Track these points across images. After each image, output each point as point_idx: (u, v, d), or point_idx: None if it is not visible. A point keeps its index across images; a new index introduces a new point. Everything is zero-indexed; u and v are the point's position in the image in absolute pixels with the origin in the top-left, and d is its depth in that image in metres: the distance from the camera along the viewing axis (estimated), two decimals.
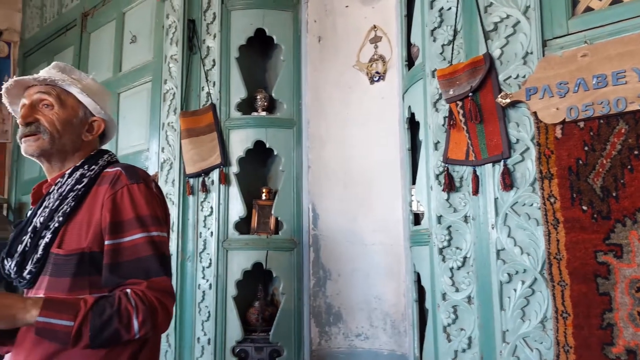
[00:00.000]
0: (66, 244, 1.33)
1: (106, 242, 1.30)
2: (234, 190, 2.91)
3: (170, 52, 3.15)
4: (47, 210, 1.37)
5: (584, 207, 1.63)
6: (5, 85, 1.46)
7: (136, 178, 1.38)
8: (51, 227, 1.34)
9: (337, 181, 2.92)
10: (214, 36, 3.05)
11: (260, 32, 3.05)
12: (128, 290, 1.24)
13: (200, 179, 2.94)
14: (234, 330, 2.81)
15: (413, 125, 2.40)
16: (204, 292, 2.85)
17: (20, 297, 1.21)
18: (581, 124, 1.66)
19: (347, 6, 3.02)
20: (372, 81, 2.88)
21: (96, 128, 1.50)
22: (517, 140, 1.82)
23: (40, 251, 1.33)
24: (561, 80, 1.69)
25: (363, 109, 2.89)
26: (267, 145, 2.95)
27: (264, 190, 3.01)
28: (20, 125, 1.42)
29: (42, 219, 1.37)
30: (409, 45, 2.48)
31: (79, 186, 1.38)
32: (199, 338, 2.84)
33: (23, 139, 1.41)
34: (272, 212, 2.92)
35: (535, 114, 1.75)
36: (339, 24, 3.03)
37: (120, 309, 1.21)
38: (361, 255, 2.80)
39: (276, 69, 3.19)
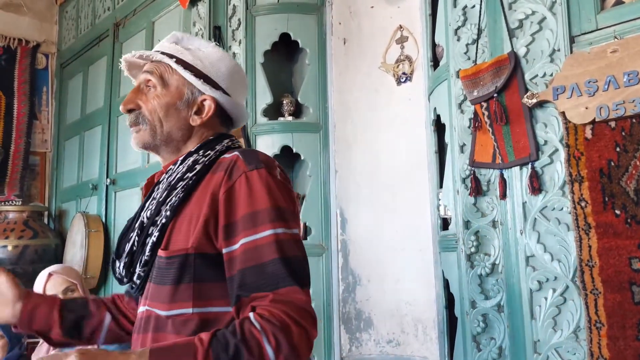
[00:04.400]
0: (172, 243, 1.11)
1: (223, 251, 1.07)
2: None
3: None
4: (155, 202, 1.17)
5: (617, 212, 1.55)
6: (122, 67, 1.30)
7: (256, 162, 1.11)
8: (158, 222, 1.13)
9: (365, 185, 2.87)
10: (239, 42, 3.05)
11: (285, 36, 3.03)
12: (250, 315, 0.99)
13: None
14: None
15: (440, 127, 2.34)
16: None
17: (121, 354, 0.95)
18: (612, 124, 1.57)
19: (372, 7, 2.97)
20: (399, 82, 2.83)
21: (206, 109, 1.23)
22: (545, 141, 1.75)
23: (147, 252, 1.12)
24: (590, 78, 1.61)
25: (390, 111, 2.83)
26: (294, 151, 2.93)
27: None
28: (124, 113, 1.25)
29: (149, 212, 1.16)
30: (434, 45, 2.42)
31: (190, 174, 1.16)
32: None
33: (130, 129, 1.24)
34: (300, 217, 2.90)
35: (563, 114, 1.67)
36: (364, 25, 2.99)
37: (245, 336, 0.95)
38: (391, 260, 2.74)
39: (302, 73, 3.16)
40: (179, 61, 1.22)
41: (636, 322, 1.50)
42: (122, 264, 1.17)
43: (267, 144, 2.94)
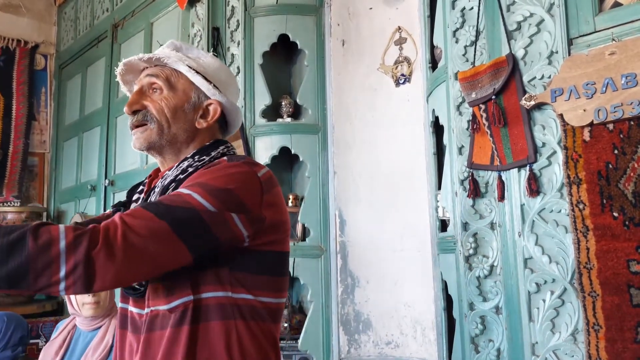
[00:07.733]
0: None
1: None
2: None
3: None
4: None
5: (615, 214, 1.55)
6: (117, 71, 1.30)
7: (237, 158, 1.17)
8: None
9: (364, 186, 2.87)
10: (238, 43, 3.05)
11: (283, 37, 3.03)
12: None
13: None
14: None
15: (439, 128, 2.34)
16: None
17: None
18: (610, 126, 1.57)
19: (370, 8, 2.97)
20: (397, 84, 2.83)
21: (212, 113, 1.26)
22: (543, 143, 1.75)
23: None
24: (588, 80, 1.61)
25: (388, 112, 2.83)
26: (293, 152, 2.92)
27: (290, 197, 2.99)
28: (127, 115, 1.24)
29: None
30: (432, 46, 2.42)
31: (182, 176, 1.17)
32: None
33: (132, 132, 1.24)
34: (299, 218, 2.90)
35: (561, 116, 1.67)
36: (362, 26, 2.99)
37: (38, 227, 0.93)
38: (389, 261, 2.74)
39: (300, 74, 3.16)
40: (190, 66, 1.25)
41: (634, 324, 1.50)
42: None
43: (266, 145, 2.93)
